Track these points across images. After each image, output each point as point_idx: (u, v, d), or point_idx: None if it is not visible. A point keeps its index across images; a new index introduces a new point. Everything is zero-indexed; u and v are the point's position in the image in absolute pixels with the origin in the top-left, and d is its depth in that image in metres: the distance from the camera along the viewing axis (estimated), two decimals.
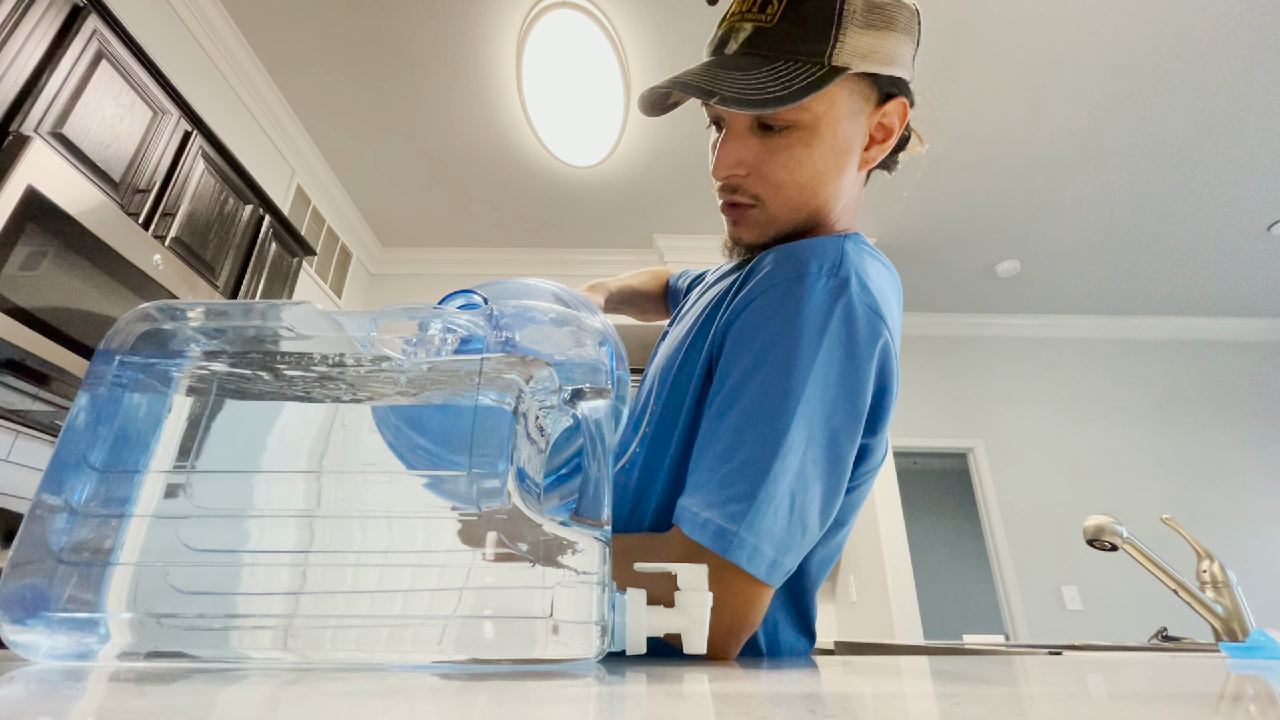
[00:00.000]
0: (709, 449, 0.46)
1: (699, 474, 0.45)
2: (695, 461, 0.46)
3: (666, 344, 0.60)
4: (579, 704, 0.20)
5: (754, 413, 0.44)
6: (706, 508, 0.43)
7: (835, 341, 0.45)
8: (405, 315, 0.36)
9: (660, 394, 0.54)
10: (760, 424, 0.44)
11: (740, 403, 0.45)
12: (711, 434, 0.46)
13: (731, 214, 0.57)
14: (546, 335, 0.37)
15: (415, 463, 0.33)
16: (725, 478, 0.43)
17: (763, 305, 0.48)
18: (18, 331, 1.21)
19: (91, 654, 0.28)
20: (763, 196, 0.54)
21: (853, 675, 0.30)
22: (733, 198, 0.55)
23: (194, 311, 0.36)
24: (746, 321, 0.48)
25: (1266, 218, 3.01)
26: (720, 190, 0.56)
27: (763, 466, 0.43)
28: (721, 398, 0.47)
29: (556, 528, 0.31)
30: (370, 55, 2.31)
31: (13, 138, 1.24)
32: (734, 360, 0.47)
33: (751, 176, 0.54)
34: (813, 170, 0.53)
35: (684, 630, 0.34)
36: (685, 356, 0.54)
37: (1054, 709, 0.19)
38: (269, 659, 0.28)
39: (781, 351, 0.45)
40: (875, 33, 0.51)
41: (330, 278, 3.04)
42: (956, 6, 2.09)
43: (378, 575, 0.30)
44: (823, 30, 0.48)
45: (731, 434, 0.45)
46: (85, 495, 0.30)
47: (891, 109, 0.55)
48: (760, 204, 0.55)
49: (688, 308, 0.65)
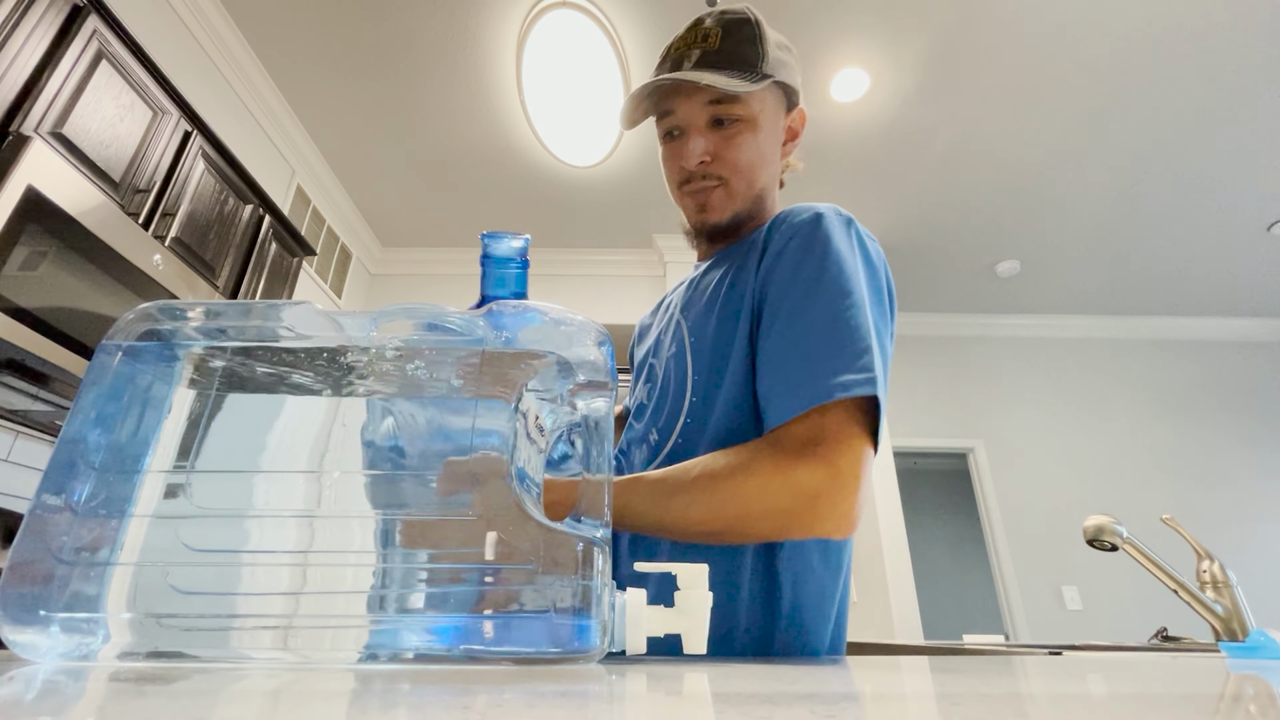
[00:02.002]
0: (791, 345, 0.53)
1: (792, 365, 0.52)
2: (776, 360, 0.54)
3: (674, 331, 0.69)
4: (579, 704, 0.20)
5: (825, 304, 0.54)
6: (830, 375, 0.49)
7: (863, 254, 0.59)
8: (405, 315, 0.36)
9: (700, 367, 0.62)
10: (838, 311, 0.53)
11: (813, 303, 0.54)
12: (791, 334, 0.54)
13: (698, 199, 0.67)
14: (546, 334, 0.37)
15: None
16: (835, 350, 0.51)
17: (797, 245, 0.58)
18: (18, 331, 1.21)
19: (91, 654, 0.28)
20: (725, 176, 0.66)
21: (853, 675, 0.30)
22: (701, 184, 0.66)
23: (194, 312, 0.36)
24: (788, 260, 0.58)
25: (1266, 218, 3.01)
26: (685, 183, 0.67)
27: (852, 332, 0.52)
28: (787, 312, 0.55)
29: (557, 527, 0.31)
30: (370, 55, 2.31)
31: (13, 138, 1.24)
32: (789, 287, 0.56)
33: (715, 161, 0.65)
34: (758, 153, 0.66)
35: (684, 630, 0.34)
36: (719, 325, 0.62)
37: (1054, 709, 0.19)
38: (269, 659, 0.28)
39: (833, 263, 0.56)
40: (783, 53, 0.67)
41: (330, 278, 3.04)
42: (957, 7, 2.09)
43: (377, 575, 0.30)
44: (753, 49, 0.64)
45: (816, 326, 0.53)
46: (85, 495, 0.30)
47: (797, 115, 0.71)
48: (723, 183, 0.66)
49: (672, 304, 0.74)
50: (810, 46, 2.24)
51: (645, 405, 0.69)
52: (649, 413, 0.67)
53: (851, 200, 3.00)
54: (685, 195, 0.68)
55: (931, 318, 3.96)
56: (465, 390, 0.34)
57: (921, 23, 2.16)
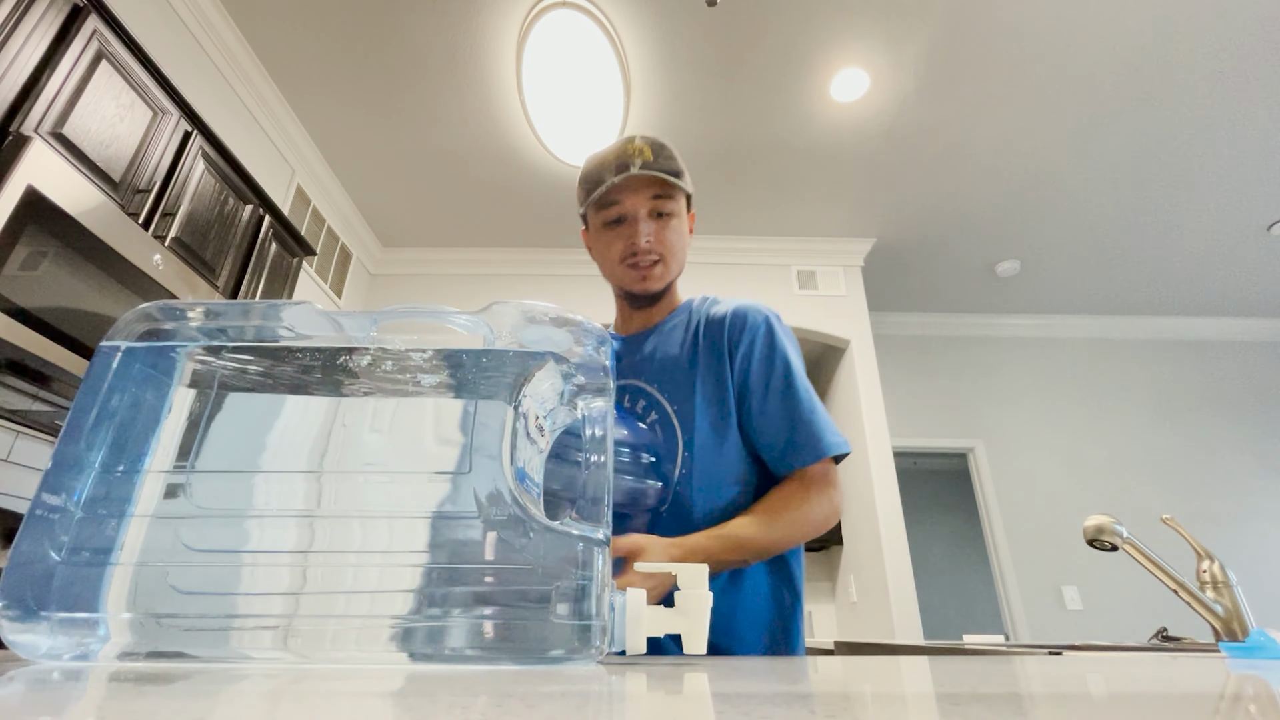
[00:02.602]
0: (789, 417, 0.78)
1: (798, 430, 0.77)
2: (781, 426, 0.78)
3: (645, 396, 0.86)
4: (579, 704, 0.20)
5: (801, 388, 0.80)
6: (826, 436, 0.77)
7: (794, 344, 0.86)
8: (406, 316, 0.36)
9: (691, 428, 0.81)
10: (807, 392, 0.80)
11: (793, 388, 0.80)
12: (786, 409, 0.79)
13: (641, 271, 0.86)
14: (546, 335, 0.37)
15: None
16: (821, 422, 0.78)
17: (763, 345, 0.83)
18: (18, 331, 1.21)
19: (91, 654, 0.28)
20: (664, 256, 0.86)
21: (853, 675, 0.30)
22: (646, 258, 0.85)
23: (194, 312, 0.36)
24: (760, 357, 0.83)
25: (1266, 218, 3.01)
26: (629, 258, 0.85)
27: (819, 408, 0.80)
28: (779, 392, 0.80)
29: (557, 527, 0.31)
30: (371, 55, 2.31)
31: (13, 138, 1.24)
32: (769, 377, 0.81)
33: (657, 242, 0.85)
34: (682, 242, 0.88)
35: (684, 630, 0.34)
36: (708, 399, 0.82)
37: (1054, 709, 0.19)
38: (269, 659, 0.28)
39: (792, 357, 0.83)
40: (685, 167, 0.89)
41: (330, 278, 3.04)
42: (957, 9, 2.09)
43: (377, 575, 0.30)
44: (674, 163, 0.85)
45: (802, 404, 0.79)
46: (86, 495, 0.30)
47: (692, 216, 0.93)
48: (662, 259, 0.86)
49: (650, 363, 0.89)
50: (810, 46, 2.24)
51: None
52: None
53: (851, 200, 3.01)
54: (628, 268, 0.86)
55: (931, 318, 3.96)
56: (465, 391, 0.34)
57: (921, 23, 2.16)
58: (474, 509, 0.31)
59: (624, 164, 0.83)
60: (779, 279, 3.35)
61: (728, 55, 2.26)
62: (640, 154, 0.84)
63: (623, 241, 0.85)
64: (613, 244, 0.86)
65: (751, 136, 2.64)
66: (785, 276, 3.35)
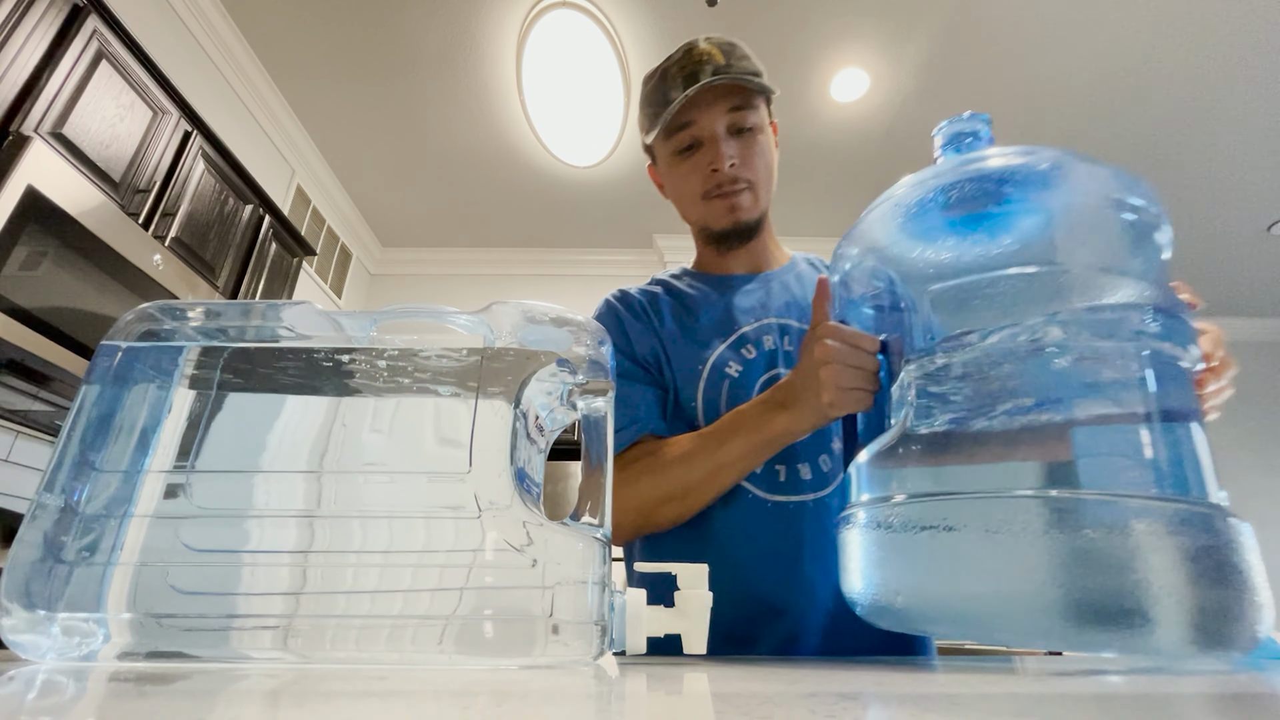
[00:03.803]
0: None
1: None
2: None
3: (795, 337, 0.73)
4: (579, 704, 0.20)
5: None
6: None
7: None
8: (406, 316, 0.36)
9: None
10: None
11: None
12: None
13: (730, 200, 0.72)
14: (547, 335, 0.37)
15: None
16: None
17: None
18: (18, 331, 1.21)
19: (92, 654, 0.28)
20: (753, 180, 0.72)
21: (853, 675, 0.30)
22: (731, 188, 0.71)
23: (194, 312, 0.36)
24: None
25: (1266, 218, 3.01)
26: (715, 188, 0.72)
27: None
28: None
29: (557, 527, 0.31)
30: (371, 55, 2.31)
31: (13, 138, 1.24)
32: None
33: (743, 165, 0.71)
34: (770, 158, 0.74)
35: (684, 631, 0.34)
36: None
37: (1054, 709, 0.19)
38: (269, 659, 0.28)
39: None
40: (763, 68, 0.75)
41: (330, 278, 3.04)
42: (957, 9, 2.09)
43: (378, 575, 0.30)
44: (750, 64, 0.72)
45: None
46: (86, 495, 0.30)
47: (774, 126, 0.77)
48: (750, 186, 0.72)
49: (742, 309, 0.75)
50: (810, 46, 2.24)
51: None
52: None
53: (851, 200, 3.00)
54: (712, 201, 0.72)
55: None
56: (465, 391, 0.34)
57: (921, 23, 2.16)
58: (474, 509, 0.31)
59: (692, 74, 0.69)
60: None
61: None
62: (708, 59, 0.70)
63: (700, 172, 0.71)
64: (689, 177, 0.73)
65: None
66: None
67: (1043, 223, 0.39)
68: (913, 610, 0.35)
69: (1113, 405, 0.34)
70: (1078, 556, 0.29)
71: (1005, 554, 0.30)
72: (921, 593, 0.34)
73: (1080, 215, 0.40)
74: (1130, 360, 0.34)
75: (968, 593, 0.32)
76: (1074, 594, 0.28)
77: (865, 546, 0.38)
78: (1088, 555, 0.29)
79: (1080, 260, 0.38)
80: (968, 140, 0.45)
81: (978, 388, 0.36)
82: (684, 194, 0.75)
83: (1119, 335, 0.34)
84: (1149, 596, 0.27)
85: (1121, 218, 0.39)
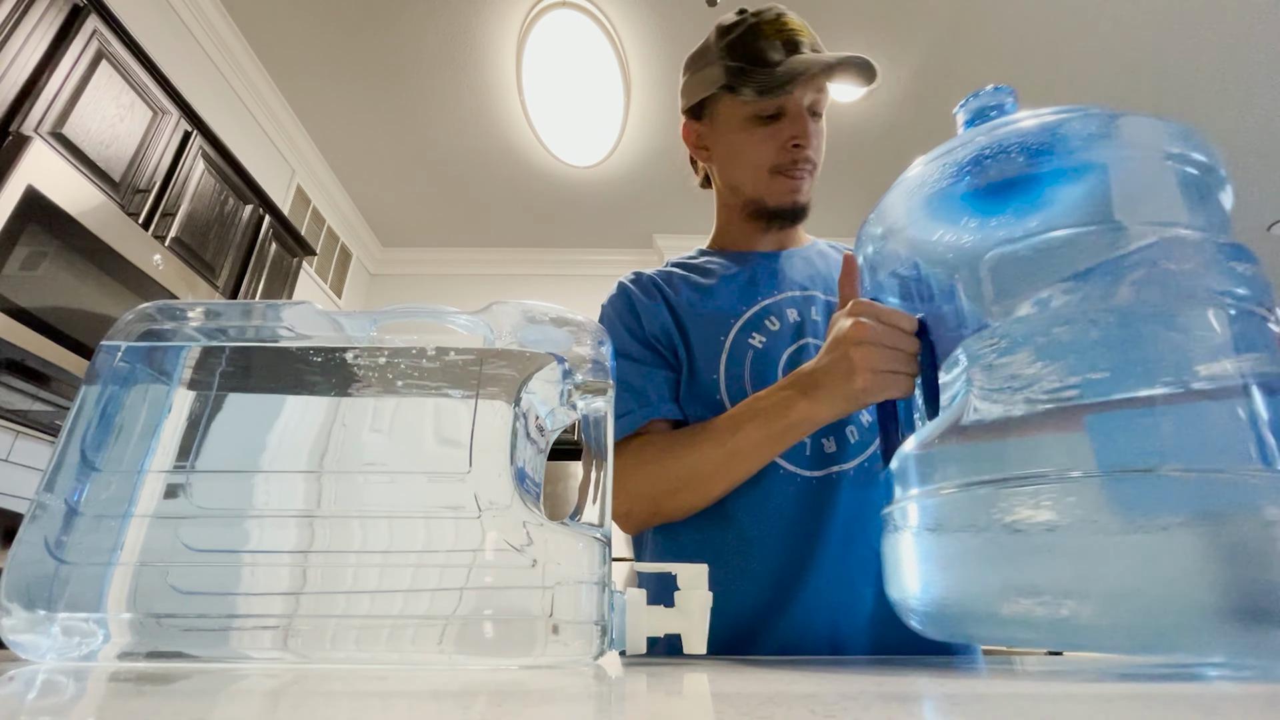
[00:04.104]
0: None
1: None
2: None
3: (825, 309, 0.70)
4: (579, 704, 0.20)
5: None
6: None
7: None
8: (406, 316, 0.36)
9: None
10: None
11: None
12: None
13: (797, 181, 0.70)
14: (547, 335, 0.37)
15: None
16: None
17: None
18: (18, 331, 1.21)
19: (92, 654, 0.28)
20: (816, 163, 0.71)
21: (853, 675, 0.30)
22: (802, 168, 0.70)
23: (194, 312, 0.36)
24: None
25: (1266, 218, 3.01)
26: (791, 164, 0.70)
27: None
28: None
29: (557, 528, 0.31)
30: (371, 55, 2.31)
31: (13, 138, 1.24)
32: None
33: (815, 149, 0.70)
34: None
35: (684, 630, 0.34)
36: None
37: (1054, 708, 0.19)
38: (269, 659, 0.28)
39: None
40: None
41: (330, 278, 3.04)
42: (957, 8, 2.09)
43: (378, 575, 0.30)
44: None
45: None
46: (85, 495, 0.30)
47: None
48: (814, 168, 0.71)
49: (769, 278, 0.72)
50: None
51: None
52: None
53: (851, 200, 3.00)
54: (779, 177, 0.70)
55: None
56: (466, 391, 0.34)
57: (921, 23, 2.16)
58: (474, 509, 0.31)
59: (792, 42, 0.67)
60: None
61: None
62: (804, 35, 0.68)
63: (776, 143, 0.68)
64: (761, 145, 0.69)
65: None
66: None
67: (1097, 180, 0.36)
68: (1013, 619, 0.29)
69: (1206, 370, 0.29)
70: (1235, 547, 0.25)
71: (1138, 548, 0.26)
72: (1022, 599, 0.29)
73: (1139, 169, 0.36)
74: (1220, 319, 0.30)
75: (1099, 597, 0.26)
76: (1233, 593, 0.25)
77: (933, 547, 0.33)
78: (1247, 546, 0.25)
79: (1141, 218, 0.34)
80: (993, 115, 0.41)
81: (1053, 358, 0.31)
82: (746, 161, 0.71)
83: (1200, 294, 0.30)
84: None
85: (1184, 171, 0.35)
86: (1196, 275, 0.31)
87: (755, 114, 0.68)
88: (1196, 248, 0.32)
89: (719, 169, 0.76)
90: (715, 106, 0.73)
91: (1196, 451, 0.27)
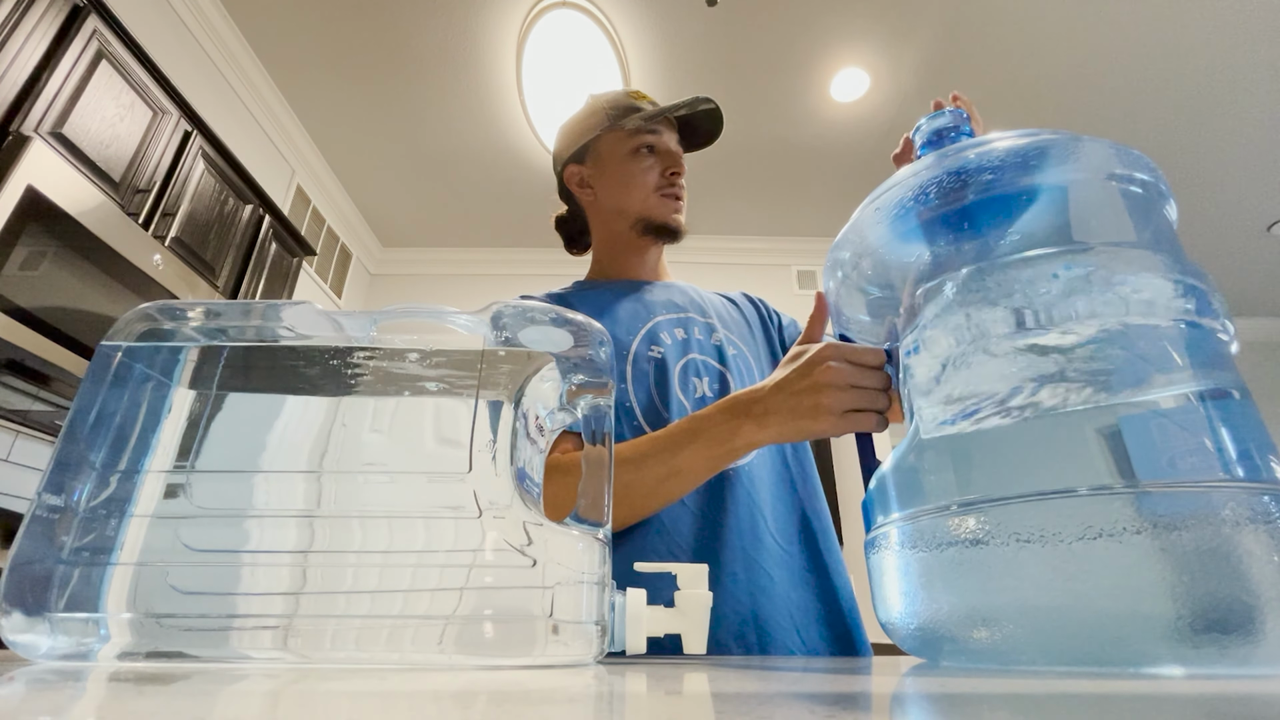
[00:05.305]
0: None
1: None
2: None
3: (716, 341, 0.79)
4: (579, 704, 0.20)
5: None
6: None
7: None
8: (406, 315, 0.36)
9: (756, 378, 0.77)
10: None
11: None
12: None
13: (678, 202, 0.83)
14: (546, 335, 0.37)
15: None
16: None
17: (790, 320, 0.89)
18: (18, 331, 1.21)
19: (91, 654, 0.28)
20: (684, 199, 0.84)
21: (853, 675, 0.30)
22: (681, 190, 0.83)
23: (194, 312, 0.36)
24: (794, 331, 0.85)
25: (1266, 218, 3.01)
26: (670, 186, 0.82)
27: None
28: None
29: (557, 528, 0.31)
30: (370, 55, 2.31)
31: (13, 138, 1.24)
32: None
33: (683, 185, 0.83)
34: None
35: (684, 631, 0.34)
36: (757, 338, 0.83)
37: (1054, 708, 0.19)
38: (269, 659, 0.28)
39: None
40: None
41: (330, 278, 3.04)
42: (957, 9, 2.09)
43: (378, 575, 0.30)
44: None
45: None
46: (86, 495, 0.30)
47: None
48: (683, 201, 0.84)
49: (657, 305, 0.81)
50: (810, 46, 2.24)
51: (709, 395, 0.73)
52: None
53: (852, 200, 3.00)
54: (664, 197, 0.82)
55: None
56: (466, 391, 0.34)
57: (921, 23, 2.16)
58: (474, 509, 0.31)
59: (650, 104, 0.84)
60: (779, 279, 3.35)
61: (728, 55, 2.26)
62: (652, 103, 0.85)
63: (656, 171, 0.82)
64: (648, 171, 0.82)
65: (752, 136, 2.64)
66: (785, 276, 3.35)
67: (1051, 201, 0.37)
68: (1001, 642, 0.29)
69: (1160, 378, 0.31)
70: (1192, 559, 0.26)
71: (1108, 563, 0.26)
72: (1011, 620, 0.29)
73: (1086, 190, 0.37)
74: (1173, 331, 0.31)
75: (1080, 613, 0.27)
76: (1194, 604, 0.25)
77: (918, 568, 0.33)
78: (1203, 557, 0.25)
79: (1094, 236, 0.35)
80: (950, 138, 0.44)
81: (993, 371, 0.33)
82: (636, 184, 0.82)
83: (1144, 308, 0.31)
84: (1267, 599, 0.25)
85: (1128, 190, 0.37)
86: (1140, 290, 0.31)
87: (638, 146, 0.81)
88: (1142, 262, 0.33)
89: (605, 198, 0.85)
90: (598, 146, 0.84)
91: (1147, 464, 0.28)
